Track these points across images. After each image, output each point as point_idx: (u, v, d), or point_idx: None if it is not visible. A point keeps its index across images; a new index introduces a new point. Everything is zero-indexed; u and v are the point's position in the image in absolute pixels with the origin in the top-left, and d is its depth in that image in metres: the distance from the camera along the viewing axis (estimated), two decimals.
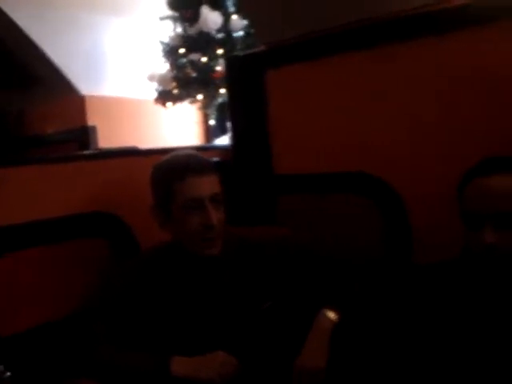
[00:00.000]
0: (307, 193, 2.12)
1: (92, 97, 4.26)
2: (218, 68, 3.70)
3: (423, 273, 1.48)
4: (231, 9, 3.85)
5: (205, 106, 4.15)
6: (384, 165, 1.89)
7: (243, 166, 2.28)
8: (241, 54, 2.76)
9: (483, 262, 1.29)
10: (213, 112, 4.20)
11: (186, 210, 1.51)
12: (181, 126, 4.78)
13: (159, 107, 4.22)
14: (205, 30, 3.66)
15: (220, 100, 3.97)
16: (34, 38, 3.99)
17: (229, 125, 3.86)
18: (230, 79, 2.41)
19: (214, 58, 3.72)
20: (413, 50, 1.80)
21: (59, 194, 1.78)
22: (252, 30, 3.60)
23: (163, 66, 4.07)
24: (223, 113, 4.14)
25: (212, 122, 4.46)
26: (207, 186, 1.52)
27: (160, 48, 4.06)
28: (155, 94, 4.12)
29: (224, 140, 4.02)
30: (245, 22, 3.75)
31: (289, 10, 2.11)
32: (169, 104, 4.09)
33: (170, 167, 1.56)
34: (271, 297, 1.60)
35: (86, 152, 2.27)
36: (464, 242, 1.37)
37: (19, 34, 3.95)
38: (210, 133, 4.87)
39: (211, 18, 3.60)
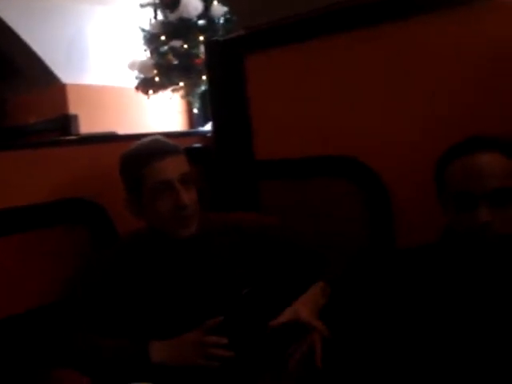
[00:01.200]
0: (289, 178, 2.12)
1: (74, 85, 4.24)
2: (201, 55, 3.67)
3: (404, 257, 1.48)
4: None
5: (187, 94, 4.12)
6: (366, 149, 1.88)
7: (224, 152, 2.27)
8: (220, 38, 2.74)
9: (476, 242, 1.27)
10: (196, 100, 4.17)
11: (156, 194, 1.51)
12: (164, 115, 4.75)
13: (142, 96, 4.18)
14: (185, 16, 3.63)
15: (203, 88, 3.95)
16: (14, 26, 3.96)
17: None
18: (209, 64, 2.39)
19: (195, 44, 3.69)
20: (393, 32, 1.79)
21: (36, 179, 1.77)
22: (233, 17, 3.58)
23: (144, 54, 4.04)
24: (206, 101, 4.11)
25: (195, 111, 4.44)
26: (174, 167, 1.52)
27: (141, 35, 4.02)
28: (136, 82, 4.08)
29: (208, 128, 4.00)
30: (225, 8, 3.72)
31: None
32: (151, 92, 4.05)
33: (135, 155, 1.57)
34: (251, 282, 1.60)
35: (64, 138, 2.24)
36: (445, 225, 1.37)
37: None
38: (194, 121, 4.85)
39: (192, 4, 3.58)
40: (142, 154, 1.55)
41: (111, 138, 2.11)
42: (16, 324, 1.66)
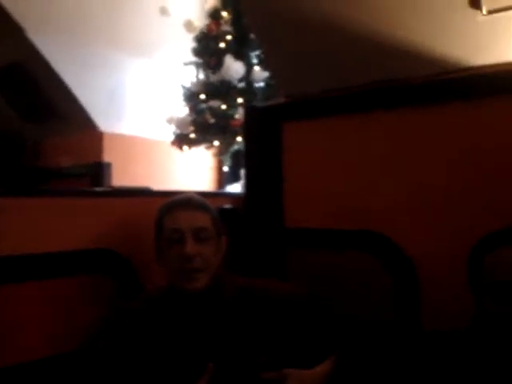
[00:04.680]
0: (317, 248, 2.10)
1: (110, 134, 4.31)
2: (237, 116, 3.74)
3: (431, 340, 1.45)
4: (254, 60, 3.92)
5: (220, 153, 4.19)
6: (395, 227, 1.87)
7: (253, 216, 2.27)
8: (260, 104, 2.79)
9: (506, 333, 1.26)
10: (227, 159, 4.23)
11: (168, 243, 1.57)
12: (194, 171, 4.81)
13: (175, 150, 4.26)
14: (227, 78, 3.72)
15: (235, 147, 4.02)
16: (59, 71, 4.06)
17: (242, 172, 3.91)
18: (247, 128, 2.43)
19: (233, 106, 3.77)
20: (428, 116, 1.82)
21: (68, 227, 1.78)
22: (273, 82, 3.67)
23: (182, 110, 4.13)
24: (237, 160, 4.18)
25: (226, 169, 4.49)
26: (189, 219, 1.57)
27: (181, 92, 4.12)
28: (172, 137, 4.15)
29: (236, 187, 4.04)
30: (266, 74, 3.81)
31: (312, 66, 2.15)
32: (185, 148, 4.12)
33: (163, 205, 1.64)
34: (268, 351, 1.56)
35: (98, 189, 2.27)
36: (475, 313, 1.35)
37: (45, 66, 4.03)
38: (223, 179, 4.90)
39: (234, 68, 3.67)
40: (167, 204, 1.63)
41: (144, 193, 2.13)
42: (32, 370, 1.65)
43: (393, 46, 1.86)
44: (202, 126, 3.89)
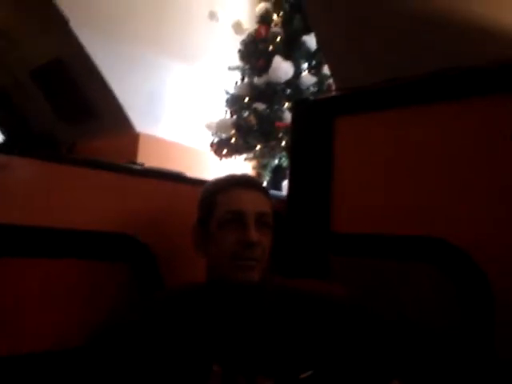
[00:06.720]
0: (366, 256, 1.88)
1: (146, 135, 4.19)
2: (284, 120, 3.54)
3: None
4: (303, 64, 3.77)
5: (260, 167, 4.01)
6: (461, 232, 1.64)
7: (297, 219, 2.08)
8: (310, 98, 2.60)
9: None
10: (267, 174, 4.04)
11: (223, 224, 1.35)
12: None
13: (211, 160, 4.10)
14: (274, 80, 3.53)
15: (276, 162, 3.86)
16: (101, 67, 3.97)
17: (283, 186, 3.71)
18: (295, 124, 2.26)
19: (278, 110, 3.57)
20: (492, 107, 1.62)
21: (87, 202, 1.57)
22: (321, 87, 3.49)
23: (223, 116, 3.97)
24: (278, 175, 3.99)
25: (264, 184, 4.31)
26: (252, 200, 1.37)
27: (224, 97, 3.98)
28: (211, 142, 4.00)
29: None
30: (315, 79, 3.64)
31: (369, 56, 2.01)
32: (224, 152, 3.93)
33: (217, 180, 1.46)
34: (313, 365, 1.32)
35: (127, 164, 2.07)
36: None
37: (86, 62, 3.95)
38: None
39: (283, 68, 3.49)
40: (223, 179, 1.44)
41: (176, 178, 1.93)
42: (37, 362, 1.43)
43: (457, 30, 1.71)
44: (244, 128, 3.68)
